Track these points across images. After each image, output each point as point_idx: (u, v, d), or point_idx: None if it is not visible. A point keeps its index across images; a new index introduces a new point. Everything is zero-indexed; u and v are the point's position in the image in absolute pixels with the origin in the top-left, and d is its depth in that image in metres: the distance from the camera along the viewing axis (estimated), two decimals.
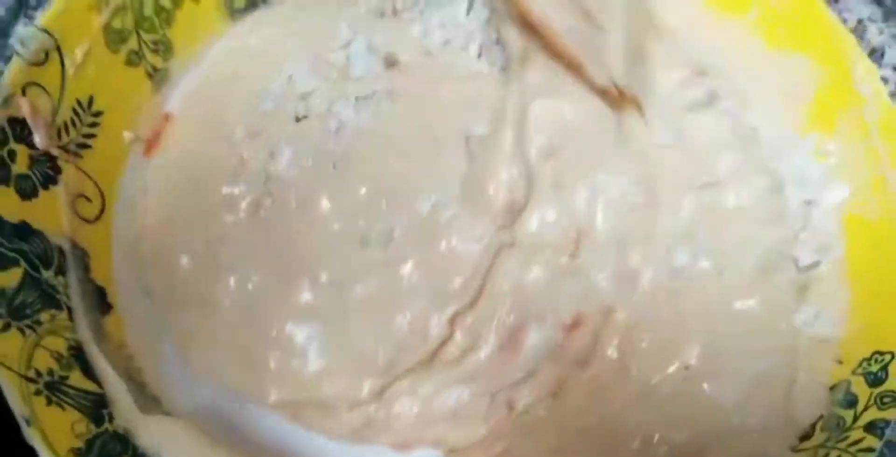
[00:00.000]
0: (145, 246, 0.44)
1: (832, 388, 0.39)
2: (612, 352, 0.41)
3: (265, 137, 0.46)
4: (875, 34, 0.58)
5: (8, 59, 0.42)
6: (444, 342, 0.41)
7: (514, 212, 0.43)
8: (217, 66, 0.49)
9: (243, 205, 0.45)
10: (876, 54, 0.57)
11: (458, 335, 0.41)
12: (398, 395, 0.41)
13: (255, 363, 0.41)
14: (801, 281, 0.43)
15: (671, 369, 0.40)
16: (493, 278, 0.42)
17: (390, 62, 0.49)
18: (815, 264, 0.43)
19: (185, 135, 0.47)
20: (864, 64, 0.45)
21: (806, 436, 0.39)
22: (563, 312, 0.41)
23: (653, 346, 0.41)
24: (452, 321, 0.41)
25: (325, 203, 0.44)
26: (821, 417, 0.39)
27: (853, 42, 0.45)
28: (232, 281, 0.43)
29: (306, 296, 0.42)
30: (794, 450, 0.38)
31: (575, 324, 0.41)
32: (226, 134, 0.47)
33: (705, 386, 0.40)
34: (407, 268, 0.43)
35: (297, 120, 0.47)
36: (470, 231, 0.43)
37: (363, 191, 0.44)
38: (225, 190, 0.45)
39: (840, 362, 0.40)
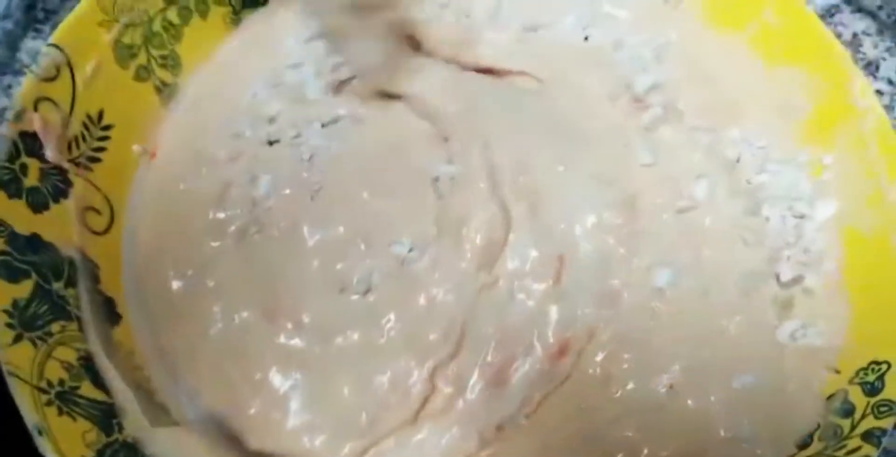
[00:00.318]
0: (139, 263, 0.44)
1: (829, 397, 0.40)
2: (594, 370, 0.41)
3: (244, 161, 0.47)
4: (870, 48, 0.59)
5: (17, 72, 0.43)
6: (427, 398, 0.41)
7: (494, 252, 0.43)
8: (199, 84, 0.50)
9: (230, 231, 0.45)
10: (871, 67, 0.58)
11: (442, 386, 0.41)
12: (383, 452, 0.40)
13: (237, 404, 0.41)
14: (783, 296, 0.43)
15: (655, 386, 0.41)
16: (475, 322, 0.42)
17: (337, 89, 0.49)
18: (799, 279, 0.44)
19: (171, 157, 0.47)
20: (861, 78, 0.45)
21: (803, 445, 0.39)
22: (549, 340, 0.41)
23: (636, 364, 0.41)
24: (434, 375, 0.41)
25: (306, 236, 0.44)
26: (818, 426, 0.39)
27: (848, 57, 0.46)
28: (219, 311, 0.43)
29: (291, 339, 0.42)
30: None
31: (562, 350, 0.41)
32: (209, 157, 0.47)
33: (690, 402, 0.40)
34: (386, 321, 0.42)
35: (270, 144, 0.48)
36: (448, 279, 0.43)
37: (341, 230, 0.44)
38: (211, 215, 0.45)
39: (837, 372, 0.41)
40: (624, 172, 0.45)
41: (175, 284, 0.43)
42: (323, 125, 0.48)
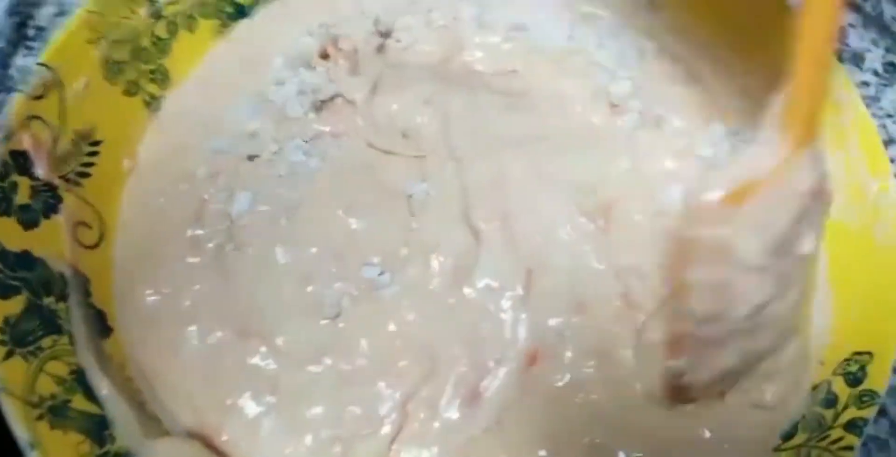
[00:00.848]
0: (119, 275, 0.45)
1: (814, 388, 0.40)
2: (562, 377, 0.41)
3: (223, 178, 0.47)
4: (855, 40, 0.59)
5: (9, 90, 0.43)
6: (401, 426, 0.40)
7: (464, 273, 0.43)
8: (180, 99, 0.50)
9: (207, 247, 0.45)
10: (856, 59, 0.58)
11: (416, 412, 0.41)
12: None
13: (209, 430, 0.41)
14: None
15: (624, 390, 0.41)
16: (446, 344, 0.42)
17: (318, 107, 0.50)
18: None
19: (151, 172, 0.48)
20: (841, 72, 0.45)
21: (788, 436, 0.39)
22: (520, 350, 0.41)
23: (604, 370, 0.41)
24: (407, 402, 0.41)
25: (279, 256, 0.44)
26: (802, 417, 0.39)
27: None
28: (193, 330, 0.43)
29: (264, 362, 0.42)
30: (777, 450, 0.39)
31: (533, 358, 0.41)
32: (188, 173, 0.47)
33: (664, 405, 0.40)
34: (357, 347, 0.42)
35: (250, 158, 0.48)
36: (418, 304, 0.43)
37: (314, 250, 0.44)
38: (189, 232, 0.45)
39: (822, 364, 0.41)
40: (601, 180, 0.46)
41: (150, 301, 0.44)
42: (304, 141, 0.48)
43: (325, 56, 0.51)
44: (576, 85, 0.50)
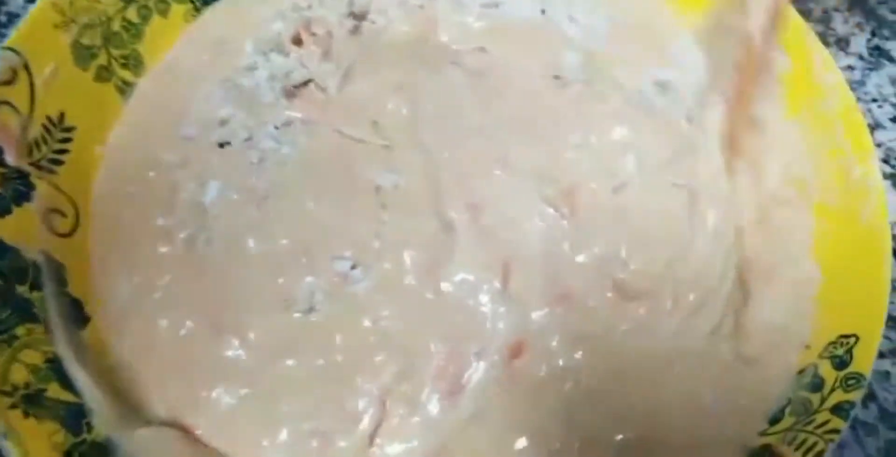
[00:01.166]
0: (94, 264, 0.44)
1: (800, 372, 0.40)
2: (547, 366, 0.41)
3: (193, 166, 0.46)
4: (840, 23, 0.59)
5: None
6: (379, 422, 0.40)
7: (438, 266, 0.43)
8: (149, 85, 0.49)
9: (178, 238, 0.44)
10: (842, 43, 0.58)
11: (395, 408, 0.40)
12: None
13: (184, 423, 0.40)
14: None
15: (610, 376, 0.40)
16: (423, 338, 0.41)
17: (290, 93, 0.49)
18: None
19: (120, 158, 0.47)
20: (823, 55, 0.45)
21: (775, 420, 0.39)
22: (502, 343, 0.41)
23: (591, 358, 0.41)
24: (385, 397, 0.40)
25: (250, 247, 0.44)
26: (789, 401, 0.39)
27: (811, 33, 0.46)
28: (165, 322, 0.42)
29: (237, 355, 0.41)
30: (764, 434, 0.39)
31: (517, 351, 0.41)
32: (157, 160, 0.46)
33: (649, 388, 0.40)
34: (331, 343, 0.41)
35: (221, 146, 0.47)
36: (393, 299, 0.42)
37: (284, 242, 0.44)
38: (161, 221, 0.44)
39: (807, 347, 0.41)
40: (558, 162, 0.45)
41: (123, 290, 0.43)
42: (275, 127, 0.47)
43: (297, 42, 0.50)
44: (537, 62, 0.49)
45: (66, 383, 0.38)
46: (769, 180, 0.46)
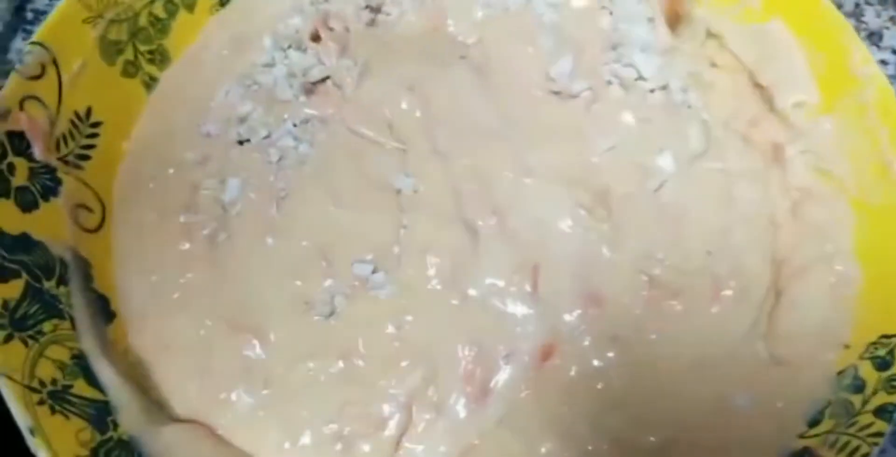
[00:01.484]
0: (117, 261, 0.44)
1: (840, 373, 0.39)
2: (579, 367, 0.40)
3: (213, 164, 0.46)
4: (873, 17, 0.58)
5: (6, 74, 0.42)
6: (405, 429, 0.39)
7: (463, 271, 0.42)
8: (168, 81, 0.49)
9: (198, 236, 0.44)
10: (874, 37, 0.57)
11: (421, 414, 0.39)
12: None
13: (206, 421, 0.40)
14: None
15: (644, 375, 0.40)
16: (450, 343, 0.40)
17: (308, 90, 0.48)
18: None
19: (141, 155, 0.46)
20: (861, 48, 0.44)
21: (814, 422, 0.38)
22: (533, 346, 0.40)
23: (623, 357, 0.40)
24: (411, 402, 0.39)
25: (270, 248, 0.43)
26: (828, 403, 0.38)
27: (849, 27, 0.44)
28: (185, 319, 0.42)
29: (257, 354, 0.41)
30: (803, 437, 0.38)
31: (547, 353, 0.40)
32: (176, 158, 0.46)
33: (685, 387, 0.39)
34: (354, 347, 0.41)
35: (241, 143, 0.46)
36: (417, 304, 0.41)
37: (304, 244, 0.43)
38: (182, 218, 0.44)
39: (847, 347, 0.39)
40: (586, 165, 0.44)
41: (145, 288, 0.43)
42: (294, 125, 0.47)
43: (315, 38, 0.49)
44: (525, 53, 0.48)
45: (92, 380, 0.38)
46: (799, 175, 0.45)
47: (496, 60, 0.48)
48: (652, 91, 0.47)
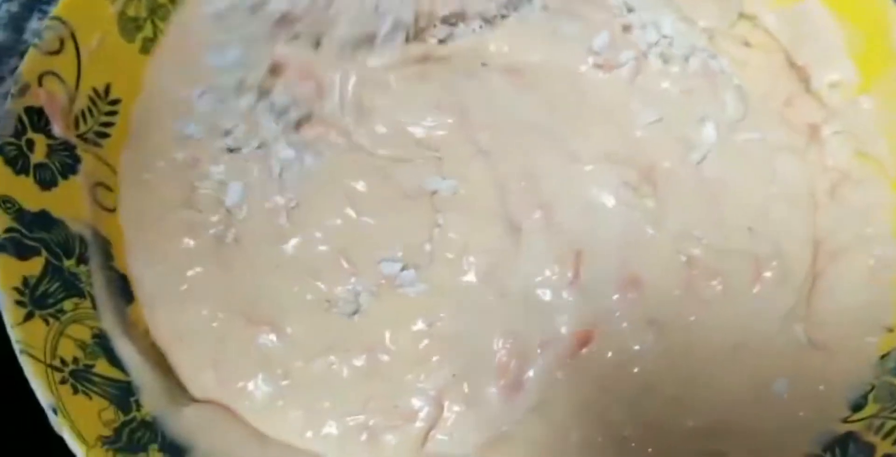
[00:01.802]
0: (126, 244, 0.42)
1: (883, 357, 0.38)
2: (615, 352, 0.39)
3: (204, 165, 0.43)
4: None
5: (23, 54, 0.41)
6: (434, 422, 0.38)
7: (502, 271, 0.40)
8: (152, 73, 0.46)
9: (204, 233, 0.42)
10: None
11: (452, 406, 0.38)
12: None
13: (228, 407, 0.39)
14: None
15: (681, 359, 0.39)
16: (484, 336, 0.39)
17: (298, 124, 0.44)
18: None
19: (139, 142, 0.44)
20: None
21: (857, 406, 0.37)
22: (569, 334, 0.39)
23: (661, 340, 0.39)
24: (441, 396, 0.38)
25: (284, 253, 0.41)
26: (872, 387, 0.37)
27: (890, 2, 0.43)
28: (195, 312, 0.40)
29: (275, 344, 0.39)
30: (846, 421, 0.37)
31: (584, 341, 0.39)
32: (167, 154, 0.43)
33: (722, 372, 0.39)
34: (376, 345, 0.39)
35: (230, 151, 0.44)
36: (450, 302, 0.40)
37: (322, 248, 0.41)
38: (183, 214, 0.42)
39: (890, 330, 0.39)
40: (629, 143, 0.43)
41: (152, 276, 0.41)
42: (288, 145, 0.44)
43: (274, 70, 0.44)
44: (560, 48, 0.46)
45: (114, 360, 0.37)
46: (836, 156, 0.44)
47: (525, 63, 0.46)
48: (686, 59, 0.45)
